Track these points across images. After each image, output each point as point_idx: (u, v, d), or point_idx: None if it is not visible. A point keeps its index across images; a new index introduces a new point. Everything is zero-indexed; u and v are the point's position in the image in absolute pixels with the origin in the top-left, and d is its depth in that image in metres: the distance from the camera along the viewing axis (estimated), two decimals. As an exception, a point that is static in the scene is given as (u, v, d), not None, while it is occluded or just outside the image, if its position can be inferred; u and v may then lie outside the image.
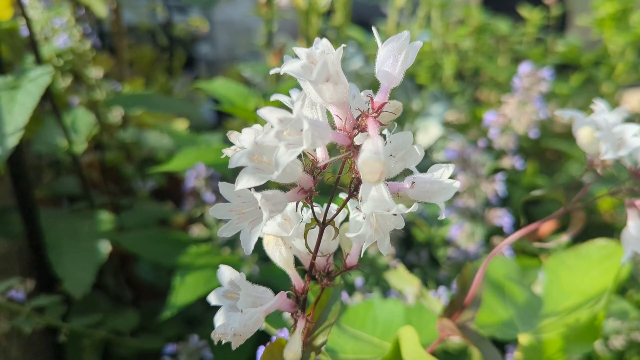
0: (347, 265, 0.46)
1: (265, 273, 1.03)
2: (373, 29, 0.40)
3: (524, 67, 1.18)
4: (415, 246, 1.36)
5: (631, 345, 1.13)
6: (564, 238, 0.64)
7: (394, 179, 0.44)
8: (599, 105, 0.62)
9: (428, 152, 1.79)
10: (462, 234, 1.14)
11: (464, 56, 2.24)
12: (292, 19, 1.73)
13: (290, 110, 0.40)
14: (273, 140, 0.34)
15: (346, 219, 0.48)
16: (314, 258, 0.44)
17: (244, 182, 0.35)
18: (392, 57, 0.39)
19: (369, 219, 0.36)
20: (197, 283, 0.98)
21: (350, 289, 1.13)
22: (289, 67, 0.37)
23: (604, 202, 1.58)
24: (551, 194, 0.63)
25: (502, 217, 1.10)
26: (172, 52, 2.69)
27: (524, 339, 0.72)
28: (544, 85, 1.18)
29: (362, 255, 0.46)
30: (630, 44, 2.09)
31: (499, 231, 1.26)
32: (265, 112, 0.34)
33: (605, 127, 0.55)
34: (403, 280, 0.91)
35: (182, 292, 0.97)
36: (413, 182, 0.41)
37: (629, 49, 2.11)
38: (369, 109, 0.38)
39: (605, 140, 0.54)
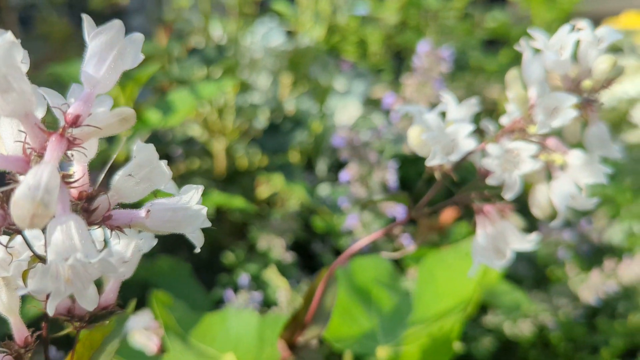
0: (102, 305, 0.38)
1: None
2: (83, 16, 0.31)
3: (423, 46, 1.11)
4: (321, 234, 1.29)
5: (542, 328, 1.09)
6: (411, 248, 0.57)
7: (137, 205, 0.35)
8: (446, 97, 0.54)
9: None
10: (358, 224, 1.08)
11: (391, 31, 2.16)
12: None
13: None
14: None
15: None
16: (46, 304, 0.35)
17: None
18: (99, 55, 0.30)
19: (51, 266, 0.28)
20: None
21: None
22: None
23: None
24: (394, 198, 0.56)
25: (394, 207, 1.04)
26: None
27: (382, 352, 0.66)
28: (444, 66, 1.11)
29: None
30: (556, 20, 2.05)
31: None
32: None
33: (435, 127, 0.48)
34: (275, 282, 0.84)
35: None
36: (148, 211, 0.33)
37: (555, 25, 2.06)
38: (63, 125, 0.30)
39: (435, 143, 0.47)
